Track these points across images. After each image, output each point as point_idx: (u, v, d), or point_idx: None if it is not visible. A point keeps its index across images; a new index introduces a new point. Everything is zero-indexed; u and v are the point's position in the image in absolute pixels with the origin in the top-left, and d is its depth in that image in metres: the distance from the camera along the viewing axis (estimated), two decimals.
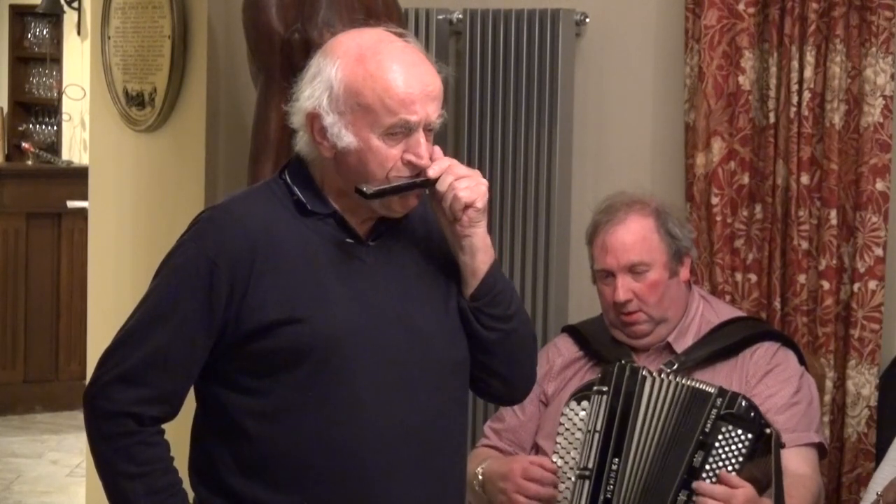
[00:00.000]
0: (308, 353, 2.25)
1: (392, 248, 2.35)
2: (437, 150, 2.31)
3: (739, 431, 2.80)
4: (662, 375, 2.90)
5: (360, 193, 2.25)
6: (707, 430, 2.81)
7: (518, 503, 2.87)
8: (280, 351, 2.25)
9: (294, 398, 2.26)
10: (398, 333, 2.31)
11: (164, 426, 2.31)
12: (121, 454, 2.26)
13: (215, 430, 2.32)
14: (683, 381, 2.88)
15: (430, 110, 2.26)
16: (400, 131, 2.25)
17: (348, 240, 2.32)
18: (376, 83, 2.23)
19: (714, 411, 2.82)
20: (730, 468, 2.79)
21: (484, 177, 2.33)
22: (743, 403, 2.82)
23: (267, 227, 2.28)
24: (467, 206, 2.30)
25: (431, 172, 2.28)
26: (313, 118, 2.27)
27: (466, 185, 2.29)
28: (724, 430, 2.81)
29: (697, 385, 2.87)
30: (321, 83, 2.26)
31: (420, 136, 2.26)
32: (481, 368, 2.42)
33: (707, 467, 2.79)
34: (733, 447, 2.80)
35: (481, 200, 2.31)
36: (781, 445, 2.85)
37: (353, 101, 2.24)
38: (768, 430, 2.81)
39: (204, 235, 2.29)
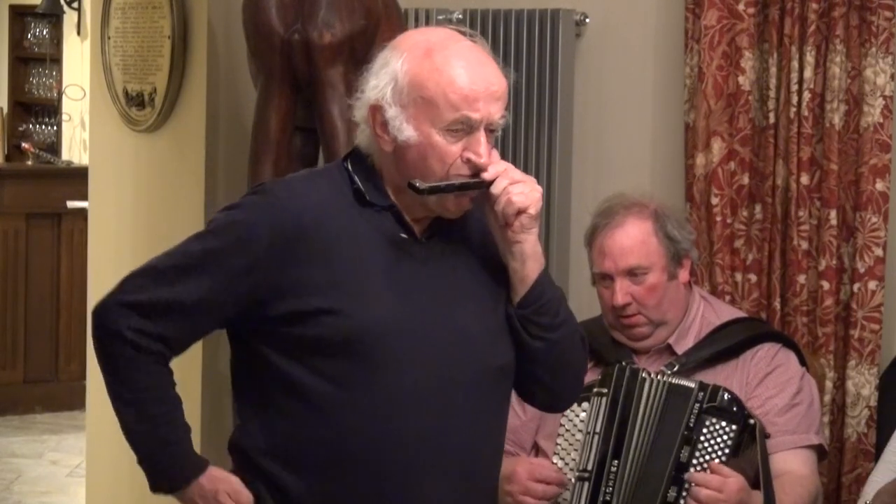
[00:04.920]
0: (345, 345, 2.24)
1: (445, 248, 2.34)
2: (495, 153, 2.29)
3: (724, 423, 2.81)
4: (661, 377, 2.90)
5: (412, 189, 2.24)
6: (691, 424, 2.81)
7: None
8: (317, 339, 2.25)
9: (327, 388, 2.25)
10: (440, 333, 2.29)
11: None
12: (119, 376, 2.29)
13: (250, 403, 2.32)
14: (663, 379, 2.88)
15: (493, 110, 2.25)
16: (461, 128, 2.24)
17: (402, 234, 2.31)
18: (441, 77, 2.22)
19: (697, 405, 2.82)
20: (716, 461, 2.79)
21: None
22: (725, 396, 2.83)
23: (322, 213, 2.27)
24: (520, 212, 2.28)
25: (487, 175, 2.26)
26: (376, 110, 2.26)
27: (521, 189, 2.27)
28: (708, 423, 2.81)
29: (677, 381, 2.87)
30: (386, 74, 2.26)
31: (481, 135, 2.25)
32: (525, 375, 2.40)
33: (694, 461, 2.80)
34: (719, 440, 2.80)
35: (535, 207, 2.29)
36: (767, 436, 2.86)
37: (416, 94, 2.23)
38: (752, 421, 2.82)
39: (257, 207, 2.29)
